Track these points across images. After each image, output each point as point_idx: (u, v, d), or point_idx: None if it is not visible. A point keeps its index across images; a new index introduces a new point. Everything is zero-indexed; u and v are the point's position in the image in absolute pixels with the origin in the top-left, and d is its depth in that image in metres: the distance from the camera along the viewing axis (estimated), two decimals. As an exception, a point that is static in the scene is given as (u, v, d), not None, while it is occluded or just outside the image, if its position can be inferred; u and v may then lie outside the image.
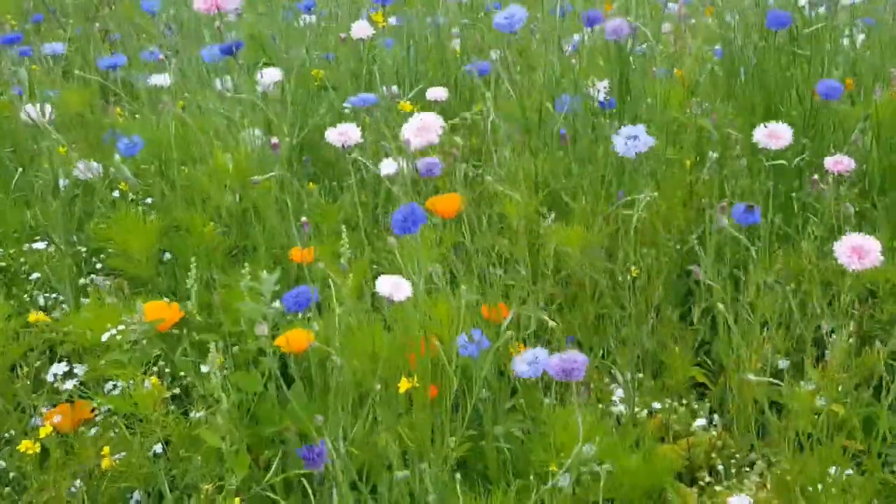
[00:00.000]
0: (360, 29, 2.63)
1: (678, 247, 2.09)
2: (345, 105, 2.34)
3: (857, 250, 1.61)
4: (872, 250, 1.61)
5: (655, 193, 1.97)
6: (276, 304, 1.76)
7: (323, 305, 1.69)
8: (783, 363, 1.80)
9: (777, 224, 2.07)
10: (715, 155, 2.24)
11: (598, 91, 2.28)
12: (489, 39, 2.76)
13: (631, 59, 2.38)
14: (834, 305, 1.83)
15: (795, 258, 1.98)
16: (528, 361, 1.49)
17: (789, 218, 2.20)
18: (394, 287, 1.55)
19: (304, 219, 1.89)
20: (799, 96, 2.36)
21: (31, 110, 2.28)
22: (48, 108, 2.29)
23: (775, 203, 2.15)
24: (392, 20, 3.06)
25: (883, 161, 2.24)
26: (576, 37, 2.76)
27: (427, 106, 2.45)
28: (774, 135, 2.02)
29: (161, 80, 2.34)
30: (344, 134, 2.01)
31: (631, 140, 1.88)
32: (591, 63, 2.54)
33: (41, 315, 1.85)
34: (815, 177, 2.00)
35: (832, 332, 1.71)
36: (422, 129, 1.86)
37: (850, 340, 1.61)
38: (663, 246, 2.00)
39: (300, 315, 1.66)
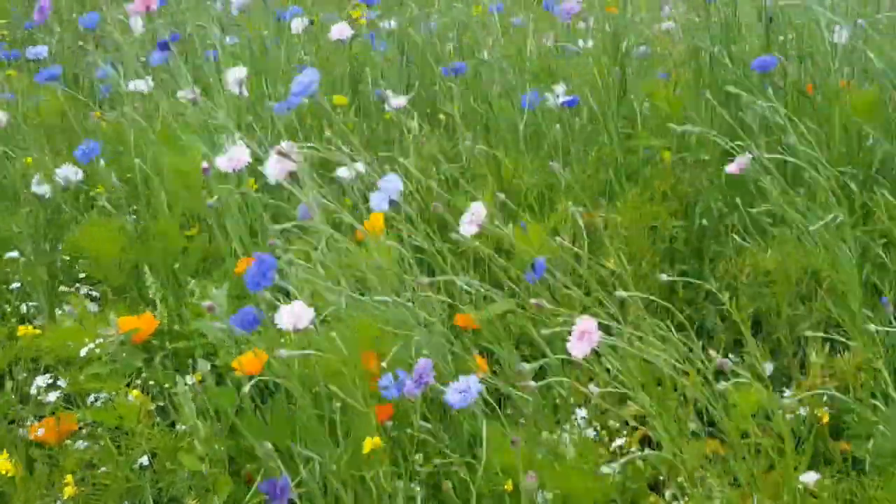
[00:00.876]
0: (339, 31, 2.61)
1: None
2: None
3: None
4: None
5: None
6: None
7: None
8: (768, 367, 1.80)
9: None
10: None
11: (558, 95, 2.29)
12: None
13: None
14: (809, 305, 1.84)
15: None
16: (459, 390, 1.45)
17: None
18: (295, 317, 1.52)
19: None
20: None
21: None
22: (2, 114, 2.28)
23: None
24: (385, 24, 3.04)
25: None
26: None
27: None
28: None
29: (139, 84, 2.33)
30: (233, 159, 1.86)
31: None
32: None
33: (30, 329, 1.85)
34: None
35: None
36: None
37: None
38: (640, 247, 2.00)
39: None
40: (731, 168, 1.76)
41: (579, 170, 2.17)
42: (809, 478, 1.48)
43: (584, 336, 1.37)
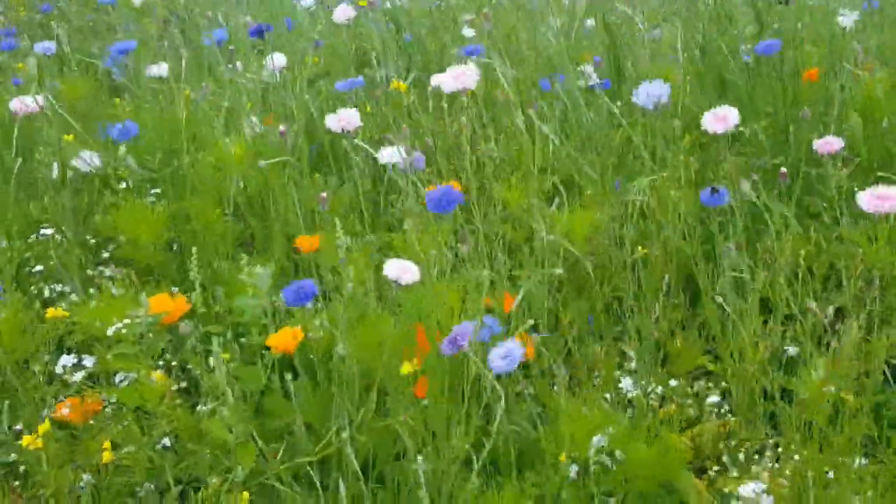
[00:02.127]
0: (342, 12, 2.59)
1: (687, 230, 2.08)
2: (336, 88, 2.32)
3: (881, 196, 1.71)
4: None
5: (657, 177, 1.97)
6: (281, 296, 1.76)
7: (332, 294, 1.69)
8: (792, 350, 1.80)
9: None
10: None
11: (589, 75, 2.28)
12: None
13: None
14: (843, 290, 1.82)
15: (804, 242, 1.98)
16: (501, 356, 1.48)
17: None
18: (401, 270, 1.55)
19: (323, 194, 1.87)
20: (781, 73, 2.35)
21: (30, 100, 2.26)
22: (40, 98, 2.27)
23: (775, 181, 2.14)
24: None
25: (870, 140, 2.23)
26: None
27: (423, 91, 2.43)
28: (721, 117, 2.01)
29: (160, 70, 2.33)
30: (343, 119, 2.00)
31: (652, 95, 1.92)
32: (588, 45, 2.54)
33: (59, 310, 1.84)
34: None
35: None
36: (459, 75, 1.91)
37: (859, 327, 1.60)
38: (672, 229, 1.98)
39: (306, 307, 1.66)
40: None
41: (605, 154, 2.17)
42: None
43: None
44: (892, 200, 1.71)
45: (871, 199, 1.73)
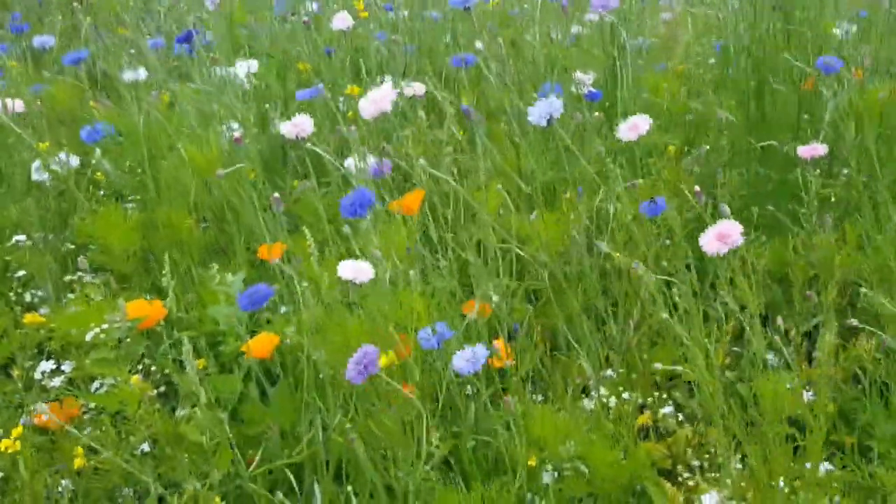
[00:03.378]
0: (340, 20, 2.61)
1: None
2: (297, 97, 2.32)
3: (721, 236, 1.55)
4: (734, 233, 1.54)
5: (638, 181, 1.97)
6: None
7: (300, 300, 1.69)
8: (771, 357, 1.80)
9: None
10: (705, 147, 2.24)
11: (583, 84, 2.27)
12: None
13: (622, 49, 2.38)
14: (820, 298, 1.83)
15: (782, 249, 1.98)
16: (466, 358, 1.49)
17: (781, 205, 2.19)
18: (356, 271, 1.55)
19: (275, 194, 1.87)
20: (792, 79, 2.35)
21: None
22: (19, 102, 2.27)
23: (766, 189, 2.15)
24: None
25: (867, 150, 2.23)
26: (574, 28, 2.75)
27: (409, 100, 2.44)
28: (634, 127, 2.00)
29: (137, 74, 2.33)
30: (298, 125, 2.00)
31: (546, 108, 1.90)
32: (584, 53, 2.54)
33: (36, 316, 1.84)
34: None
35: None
36: (375, 100, 1.89)
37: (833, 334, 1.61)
38: (646, 237, 1.99)
39: (277, 314, 1.66)
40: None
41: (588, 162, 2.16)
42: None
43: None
44: (733, 237, 1.54)
45: (712, 240, 1.55)
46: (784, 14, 2.37)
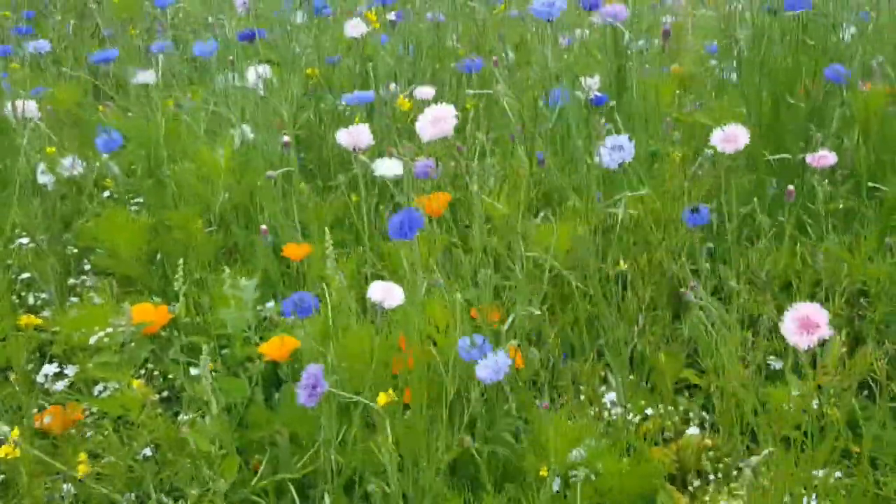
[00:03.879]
0: (353, 27, 2.61)
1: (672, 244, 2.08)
2: (341, 102, 2.31)
3: (805, 323, 1.39)
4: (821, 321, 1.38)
5: (645, 191, 1.96)
6: (270, 305, 1.75)
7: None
8: (776, 365, 1.80)
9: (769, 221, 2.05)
10: (710, 152, 2.23)
11: (589, 88, 2.26)
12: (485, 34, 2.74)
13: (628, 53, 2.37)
14: (826, 305, 1.82)
15: (789, 257, 1.98)
16: (489, 367, 1.48)
17: (786, 213, 2.18)
18: (385, 293, 1.54)
19: (263, 227, 1.85)
20: (804, 86, 2.34)
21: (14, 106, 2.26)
22: (31, 104, 2.26)
23: (772, 199, 2.14)
24: (391, 15, 3.03)
25: (870, 156, 2.23)
26: (576, 31, 2.74)
27: (418, 104, 2.43)
28: (730, 138, 1.97)
29: (147, 77, 2.32)
30: (353, 134, 1.95)
31: (616, 151, 1.87)
32: (588, 58, 2.53)
33: (31, 318, 1.83)
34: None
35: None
36: (436, 119, 1.75)
37: (843, 341, 1.60)
38: (655, 244, 1.98)
39: (289, 319, 1.65)
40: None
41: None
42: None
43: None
44: (821, 330, 1.37)
45: (795, 327, 1.39)
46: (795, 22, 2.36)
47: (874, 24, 2.51)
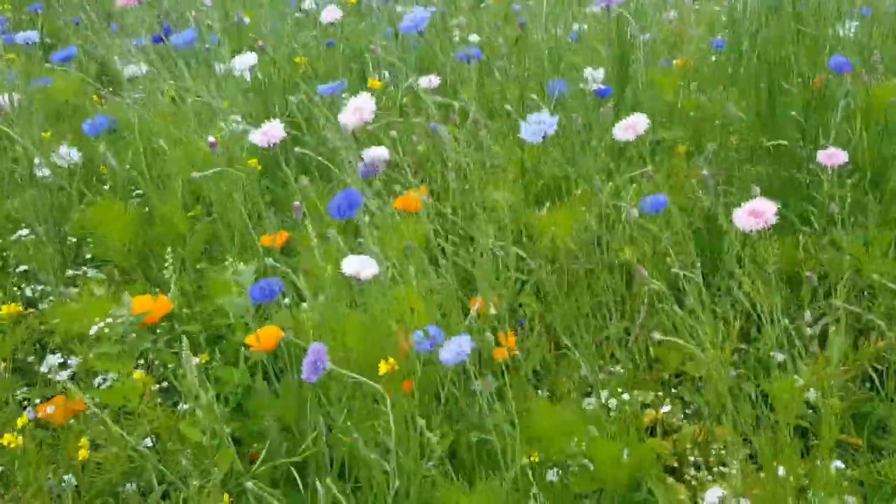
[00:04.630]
0: (329, 13, 2.58)
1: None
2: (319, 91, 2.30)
3: (754, 212, 1.62)
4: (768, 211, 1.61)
5: (651, 172, 1.95)
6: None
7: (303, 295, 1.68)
8: (778, 356, 1.79)
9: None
10: (713, 145, 2.22)
11: (593, 80, 2.25)
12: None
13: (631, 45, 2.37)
14: (830, 297, 1.81)
15: (792, 248, 1.97)
16: (452, 349, 1.47)
17: (789, 204, 2.17)
18: (360, 266, 1.53)
19: (296, 203, 1.85)
20: (802, 78, 2.33)
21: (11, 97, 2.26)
22: (16, 96, 2.26)
23: (775, 188, 2.12)
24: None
25: (873, 150, 2.21)
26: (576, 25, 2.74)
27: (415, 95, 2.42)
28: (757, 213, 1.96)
29: (137, 69, 2.32)
30: (267, 134, 1.91)
31: (537, 125, 1.87)
32: (590, 49, 2.52)
33: (14, 307, 1.83)
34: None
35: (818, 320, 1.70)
36: (356, 109, 1.84)
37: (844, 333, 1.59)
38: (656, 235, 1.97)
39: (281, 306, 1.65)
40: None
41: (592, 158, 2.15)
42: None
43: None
44: (766, 215, 1.61)
45: (745, 217, 1.62)
46: (794, 12, 2.35)
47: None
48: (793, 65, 2.33)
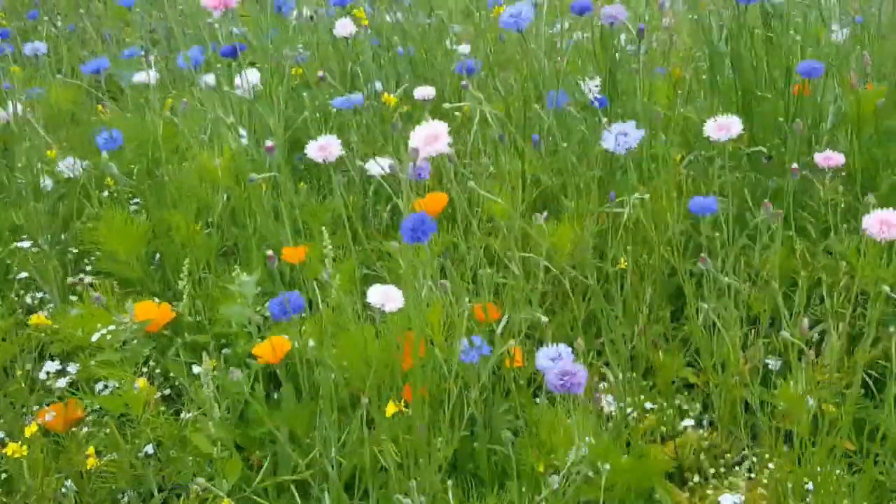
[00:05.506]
0: (343, 27, 2.61)
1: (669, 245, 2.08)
2: (331, 105, 2.31)
3: (885, 222, 1.67)
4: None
5: (647, 195, 1.97)
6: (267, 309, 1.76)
7: (314, 306, 1.69)
8: (773, 363, 1.81)
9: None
10: (703, 152, 2.24)
11: (589, 90, 2.27)
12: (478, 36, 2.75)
13: (619, 56, 2.38)
14: (825, 304, 1.83)
15: (786, 256, 1.99)
16: (550, 356, 1.50)
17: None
18: (385, 297, 1.53)
19: (269, 252, 1.83)
20: (774, 85, 2.35)
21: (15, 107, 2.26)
22: (19, 107, 2.26)
23: (764, 196, 2.14)
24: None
25: (864, 154, 2.24)
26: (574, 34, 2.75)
27: (415, 104, 2.44)
28: (723, 126, 1.99)
29: (144, 77, 2.32)
30: (325, 149, 1.87)
31: (621, 136, 1.89)
32: (581, 61, 2.54)
33: (42, 318, 1.83)
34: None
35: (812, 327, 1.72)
36: (430, 136, 1.67)
37: (841, 340, 1.61)
38: (654, 243, 1.99)
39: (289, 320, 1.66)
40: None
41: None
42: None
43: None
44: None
45: (877, 224, 1.69)
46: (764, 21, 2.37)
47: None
48: (764, 72, 2.36)
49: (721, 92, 2.43)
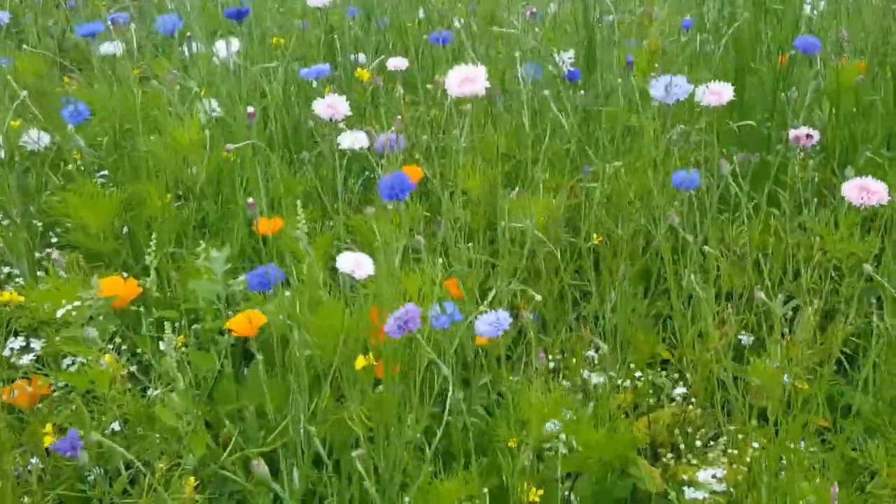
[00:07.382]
0: (317, -2, 2.58)
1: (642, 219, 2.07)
2: (300, 75, 2.29)
3: (865, 188, 1.70)
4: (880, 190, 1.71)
5: (619, 163, 1.96)
6: (240, 279, 1.73)
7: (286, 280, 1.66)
8: (746, 339, 1.80)
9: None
10: (681, 126, 2.22)
11: (563, 62, 2.25)
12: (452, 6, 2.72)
13: (597, 28, 2.37)
14: (798, 280, 1.83)
15: (762, 231, 1.98)
16: (488, 322, 1.48)
17: (759, 185, 2.18)
18: (355, 264, 1.52)
19: (250, 200, 1.82)
20: (769, 57, 2.34)
21: None
22: None
23: (743, 170, 2.13)
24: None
25: (842, 130, 2.24)
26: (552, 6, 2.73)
27: (388, 75, 2.41)
28: (714, 92, 1.99)
29: (112, 48, 2.27)
30: (332, 107, 1.93)
31: (672, 87, 1.90)
32: (558, 32, 2.52)
33: (13, 294, 1.80)
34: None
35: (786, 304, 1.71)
36: (466, 79, 1.74)
37: (814, 316, 1.61)
38: (627, 218, 1.98)
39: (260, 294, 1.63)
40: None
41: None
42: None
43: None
44: (878, 194, 1.71)
45: (856, 191, 1.72)
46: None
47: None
48: (762, 44, 2.34)
49: (703, 63, 2.42)
